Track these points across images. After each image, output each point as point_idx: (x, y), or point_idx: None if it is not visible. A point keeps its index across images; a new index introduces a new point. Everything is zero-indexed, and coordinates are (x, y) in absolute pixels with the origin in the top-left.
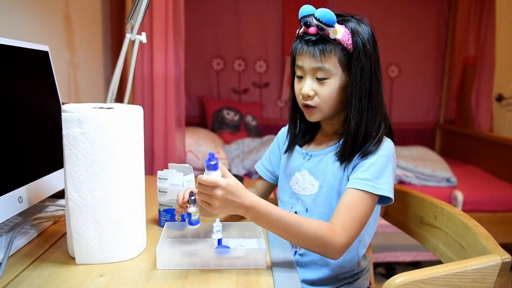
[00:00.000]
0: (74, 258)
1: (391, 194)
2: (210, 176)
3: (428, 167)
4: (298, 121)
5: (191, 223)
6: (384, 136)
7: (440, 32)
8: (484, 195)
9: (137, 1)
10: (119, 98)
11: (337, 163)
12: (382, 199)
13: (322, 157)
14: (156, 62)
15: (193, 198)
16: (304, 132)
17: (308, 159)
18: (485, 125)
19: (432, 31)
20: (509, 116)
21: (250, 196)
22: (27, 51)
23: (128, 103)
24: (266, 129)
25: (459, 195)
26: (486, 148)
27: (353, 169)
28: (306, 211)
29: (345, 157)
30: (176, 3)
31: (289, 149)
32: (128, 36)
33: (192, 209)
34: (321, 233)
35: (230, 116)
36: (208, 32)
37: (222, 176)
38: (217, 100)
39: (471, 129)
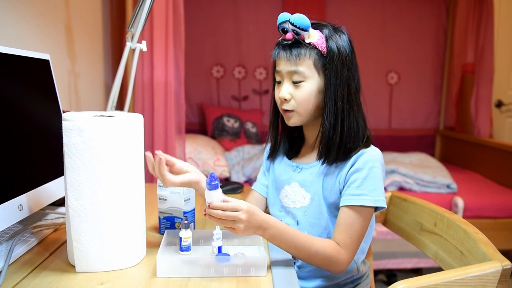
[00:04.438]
0: (74, 266)
1: (385, 204)
2: (231, 203)
3: (429, 174)
4: (284, 132)
5: (181, 249)
6: (371, 145)
7: (439, 39)
8: (485, 201)
9: (137, 9)
10: (120, 106)
11: (328, 175)
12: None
13: (313, 169)
14: (156, 70)
15: (185, 222)
16: (290, 143)
17: (299, 172)
18: (485, 131)
19: (431, 38)
20: (509, 122)
21: (266, 216)
22: (28, 60)
23: (129, 110)
24: (266, 136)
25: (460, 202)
26: (486, 154)
27: (345, 184)
28: (297, 224)
29: (323, 156)
30: (176, 11)
31: (272, 156)
32: (128, 44)
33: (183, 233)
34: (328, 253)
35: (230, 123)
36: (208, 40)
37: (222, 200)
38: (217, 107)
39: (471, 136)
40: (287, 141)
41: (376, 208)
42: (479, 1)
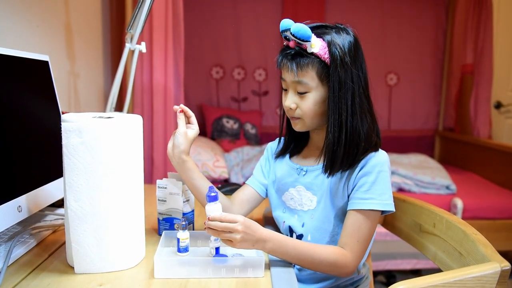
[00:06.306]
0: (73, 267)
1: (394, 208)
2: (229, 215)
3: (428, 175)
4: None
5: (179, 250)
6: (379, 149)
7: (438, 40)
8: (484, 202)
9: (137, 11)
10: (119, 107)
11: (335, 178)
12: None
13: (319, 172)
14: (156, 71)
15: (183, 223)
16: (293, 142)
17: (304, 175)
18: (484, 132)
19: (430, 39)
20: (508, 123)
21: (265, 230)
22: (27, 61)
23: (128, 112)
24: (266, 137)
25: (459, 203)
26: (486, 155)
27: (353, 188)
28: (303, 225)
29: (327, 170)
30: (175, 12)
31: (281, 154)
32: (127, 45)
33: (181, 234)
34: (333, 259)
35: (230, 124)
36: (208, 41)
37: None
38: (217, 108)
39: (470, 137)
40: (291, 140)
41: (382, 212)
42: (478, 2)
